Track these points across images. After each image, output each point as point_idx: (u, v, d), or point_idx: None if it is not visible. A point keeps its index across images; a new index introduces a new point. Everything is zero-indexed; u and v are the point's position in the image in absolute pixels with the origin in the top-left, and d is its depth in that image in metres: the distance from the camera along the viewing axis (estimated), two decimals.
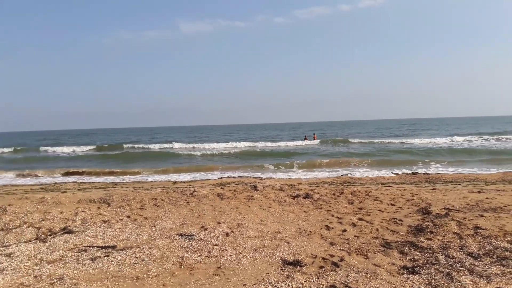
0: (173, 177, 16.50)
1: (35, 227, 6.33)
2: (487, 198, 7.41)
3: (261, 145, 36.61)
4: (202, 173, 18.12)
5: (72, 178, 17.29)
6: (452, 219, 5.84)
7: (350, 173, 15.75)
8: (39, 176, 18.32)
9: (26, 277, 4.26)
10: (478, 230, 5.28)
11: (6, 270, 4.48)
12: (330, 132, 65.99)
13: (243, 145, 37.49)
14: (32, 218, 6.76)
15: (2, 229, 6.27)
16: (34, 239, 5.77)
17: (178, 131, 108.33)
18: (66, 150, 37.30)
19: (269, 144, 37.41)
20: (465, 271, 4.01)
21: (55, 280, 4.14)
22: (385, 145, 31.87)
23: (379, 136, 47.27)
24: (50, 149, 38.51)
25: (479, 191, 8.43)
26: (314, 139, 41.91)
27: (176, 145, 38.84)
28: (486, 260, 4.30)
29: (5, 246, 5.43)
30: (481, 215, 6.03)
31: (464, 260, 4.33)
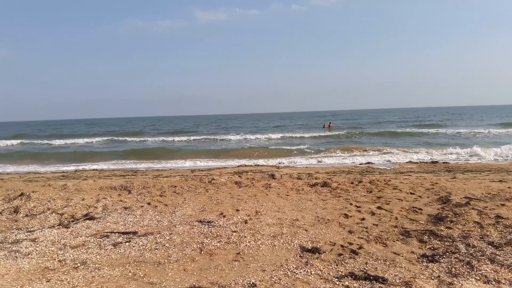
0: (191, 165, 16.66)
1: (58, 213, 6.48)
2: (509, 187, 7.28)
3: (277, 135, 36.46)
4: (219, 161, 18.24)
5: (93, 166, 17.57)
6: (473, 208, 5.77)
7: (369, 162, 15.65)
8: None
9: (51, 261, 4.38)
10: (500, 220, 5.21)
11: (31, 255, 4.62)
12: (349, 120, 65.29)
13: (260, 135, 37.44)
14: (55, 205, 6.92)
15: (27, 215, 6.44)
16: (58, 225, 5.92)
17: (194, 120, 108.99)
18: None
19: (287, 134, 37.26)
20: (486, 260, 3.98)
21: (79, 264, 4.25)
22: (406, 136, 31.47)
23: (403, 126, 46.65)
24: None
25: (500, 181, 8.29)
26: (330, 128, 41.95)
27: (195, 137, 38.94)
28: (508, 249, 4.25)
29: (30, 232, 5.58)
30: (502, 205, 5.94)
31: (485, 249, 4.29)
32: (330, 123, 47.45)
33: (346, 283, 3.63)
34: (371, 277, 3.71)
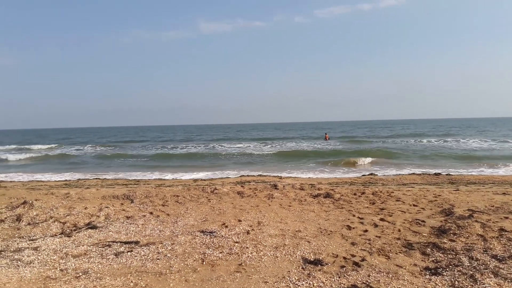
0: (194, 174, 16.66)
1: (60, 222, 6.48)
2: None
3: (277, 146, 36.51)
4: (222, 171, 18.22)
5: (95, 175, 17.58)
6: (476, 221, 5.73)
7: (371, 173, 15.62)
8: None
9: (53, 270, 4.37)
10: (503, 233, 5.17)
11: (33, 263, 4.61)
12: (350, 132, 65.28)
13: (260, 145, 37.51)
14: (58, 213, 6.92)
15: (29, 223, 6.44)
16: (60, 234, 5.91)
17: (196, 130, 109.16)
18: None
19: (288, 144, 37.35)
20: (489, 274, 3.94)
21: (81, 274, 4.24)
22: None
23: (399, 136, 46.68)
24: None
25: (504, 193, 8.26)
26: (326, 139, 42.41)
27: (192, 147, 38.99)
28: (511, 262, 4.23)
29: (32, 240, 5.58)
30: (506, 217, 5.91)
31: (489, 262, 4.26)
32: (326, 133, 48.03)
33: None
34: None
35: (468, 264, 4.23)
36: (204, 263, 4.53)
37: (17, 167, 23.18)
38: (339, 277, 4.03)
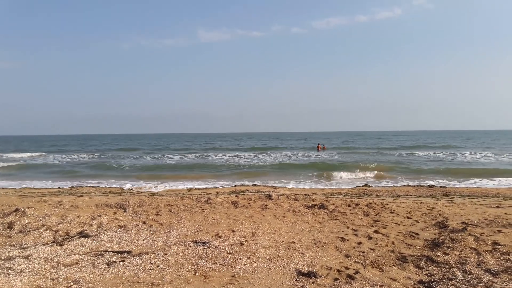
0: (188, 184, 16.60)
1: (52, 230, 6.42)
2: (506, 213, 7.27)
3: (273, 156, 36.53)
4: (216, 180, 18.17)
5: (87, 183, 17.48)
6: (470, 234, 5.74)
7: (366, 184, 15.63)
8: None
9: (43, 280, 4.32)
10: (497, 246, 5.18)
11: (24, 272, 4.55)
12: (346, 142, 65.46)
13: (255, 155, 37.54)
14: (50, 221, 6.86)
15: (21, 231, 6.37)
16: (52, 242, 5.86)
17: (192, 139, 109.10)
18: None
19: (284, 154, 37.41)
20: None
21: (72, 284, 4.19)
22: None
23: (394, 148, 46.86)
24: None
25: (497, 206, 8.28)
26: (318, 150, 42.49)
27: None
28: (505, 277, 4.22)
29: (23, 248, 5.52)
30: (499, 231, 5.92)
31: (482, 276, 4.25)
32: (318, 144, 48.05)
33: None
34: None
35: (462, 278, 4.22)
36: (197, 274, 4.49)
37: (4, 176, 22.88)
38: None
